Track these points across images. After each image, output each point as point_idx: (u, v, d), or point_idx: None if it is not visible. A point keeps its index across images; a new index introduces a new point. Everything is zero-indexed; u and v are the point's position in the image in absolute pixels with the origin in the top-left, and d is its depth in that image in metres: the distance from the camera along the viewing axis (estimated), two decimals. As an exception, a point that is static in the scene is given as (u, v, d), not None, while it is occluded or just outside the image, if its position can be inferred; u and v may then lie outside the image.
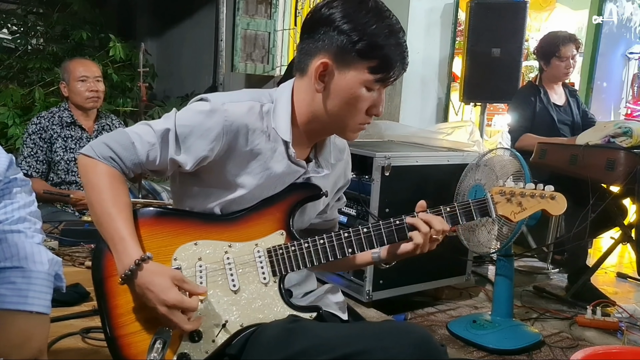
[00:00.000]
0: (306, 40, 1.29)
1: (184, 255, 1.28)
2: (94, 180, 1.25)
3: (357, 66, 1.24)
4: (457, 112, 5.60)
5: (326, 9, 1.25)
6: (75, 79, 2.92)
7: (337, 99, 1.28)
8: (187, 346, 1.24)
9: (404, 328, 1.23)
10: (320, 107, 1.30)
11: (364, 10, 1.23)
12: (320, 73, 1.26)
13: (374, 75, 1.25)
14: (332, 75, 1.26)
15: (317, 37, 1.26)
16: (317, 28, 1.26)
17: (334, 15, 1.23)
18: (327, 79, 1.27)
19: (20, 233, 1.12)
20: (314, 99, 1.30)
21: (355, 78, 1.25)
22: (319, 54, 1.26)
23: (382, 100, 1.31)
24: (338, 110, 1.29)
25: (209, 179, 1.32)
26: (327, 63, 1.25)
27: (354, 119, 1.30)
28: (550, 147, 3.14)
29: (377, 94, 1.29)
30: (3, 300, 1.06)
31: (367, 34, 1.21)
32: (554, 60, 3.63)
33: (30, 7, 5.64)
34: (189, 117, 1.28)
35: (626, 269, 4.01)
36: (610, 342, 2.71)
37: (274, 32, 5.99)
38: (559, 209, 1.37)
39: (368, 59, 1.23)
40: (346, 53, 1.23)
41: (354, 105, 1.28)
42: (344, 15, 1.23)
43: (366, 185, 2.82)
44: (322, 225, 1.53)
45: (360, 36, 1.21)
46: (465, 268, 3.17)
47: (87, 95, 2.94)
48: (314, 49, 1.27)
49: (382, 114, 1.33)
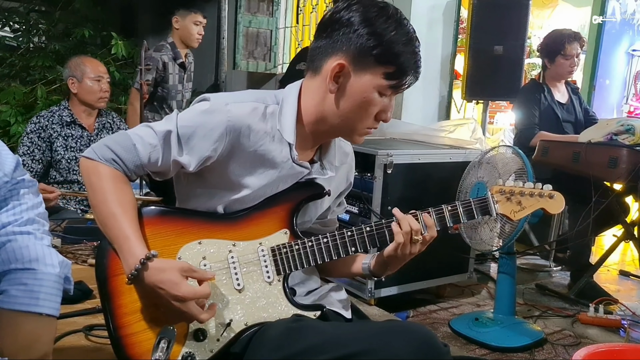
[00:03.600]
0: (323, 40, 1.28)
1: (188, 255, 1.29)
2: (97, 182, 1.25)
3: (373, 71, 1.24)
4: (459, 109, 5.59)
5: (346, 12, 1.25)
6: (90, 78, 2.93)
7: (349, 101, 1.28)
8: (192, 345, 1.25)
9: (407, 328, 1.24)
10: (331, 108, 1.30)
11: (385, 16, 1.23)
12: (336, 74, 1.26)
13: (388, 81, 1.25)
14: (348, 77, 1.26)
15: (335, 38, 1.26)
16: (336, 29, 1.26)
17: (353, 19, 1.24)
18: (341, 80, 1.27)
19: (30, 235, 1.13)
20: (325, 99, 1.30)
21: (370, 82, 1.25)
22: (336, 54, 1.26)
23: (392, 106, 1.31)
24: (348, 113, 1.29)
25: (212, 180, 1.32)
26: (344, 64, 1.25)
27: (362, 123, 1.31)
28: (552, 145, 3.14)
29: (387, 100, 1.29)
30: (14, 302, 1.06)
31: (385, 40, 1.22)
32: (558, 58, 3.62)
33: (32, 5, 5.64)
34: (191, 117, 1.28)
35: (629, 266, 4.01)
36: (612, 339, 2.72)
37: (275, 30, 5.98)
38: (558, 208, 1.39)
39: (385, 65, 1.24)
40: (364, 56, 1.23)
41: (365, 109, 1.28)
42: (363, 19, 1.23)
43: (368, 183, 2.82)
44: (319, 230, 1.52)
45: (379, 41, 1.22)
46: (468, 266, 3.17)
47: (101, 95, 2.97)
48: (330, 49, 1.27)
49: (389, 120, 1.33)
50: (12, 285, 1.07)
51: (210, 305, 1.23)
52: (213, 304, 1.24)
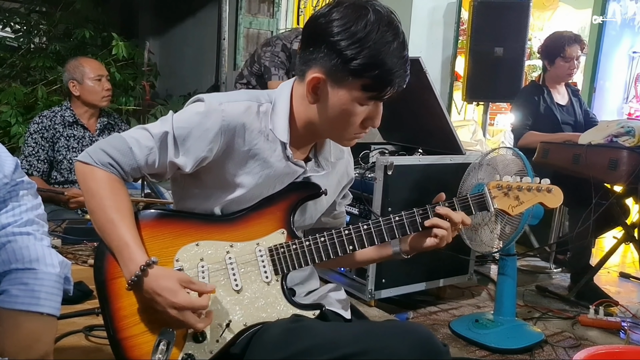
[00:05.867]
0: (305, 49, 1.27)
1: (186, 256, 1.29)
2: (94, 187, 1.25)
3: (350, 84, 1.22)
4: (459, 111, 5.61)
5: (323, 19, 1.22)
6: (91, 79, 2.95)
7: (329, 112, 1.26)
8: (192, 347, 1.25)
9: (407, 328, 1.24)
10: (315, 116, 1.30)
11: (363, 22, 1.18)
12: (314, 86, 1.25)
13: (366, 93, 1.23)
14: (325, 90, 1.25)
15: (313, 49, 1.24)
16: (314, 39, 1.24)
17: (330, 29, 1.20)
18: (320, 92, 1.26)
19: (30, 235, 1.13)
20: (309, 106, 1.30)
21: (347, 95, 1.23)
22: (314, 66, 1.24)
23: (379, 112, 1.29)
24: (331, 123, 1.28)
25: (208, 180, 1.32)
26: (320, 78, 1.23)
27: (347, 131, 1.30)
28: (552, 147, 3.14)
29: (372, 107, 1.27)
30: (15, 301, 1.07)
31: (362, 52, 1.18)
32: (558, 61, 3.62)
33: (33, 5, 5.64)
34: (186, 118, 1.27)
35: (629, 268, 4.00)
36: (612, 341, 2.71)
37: (276, 31, 5.98)
38: (556, 202, 1.38)
39: (361, 78, 1.21)
40: (339, 71, 1.21)
41: (346, 120, 1.27)
42: (340, 30, 1.19)
43: (369, 184, 2.82)
44: (330, 223, 1.54)
45: (354, 54, 1.18)
46: (468, 267, 3.17)
47: (104, 94, 2.99)
48: (310, 60, 1.25)
49: (378, 125, 1.31)
50: (13, 285, 1.08)
51: (207, 314, 1.23)
52: (209, 312, 1.24)
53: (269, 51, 3.46)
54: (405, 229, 1.34)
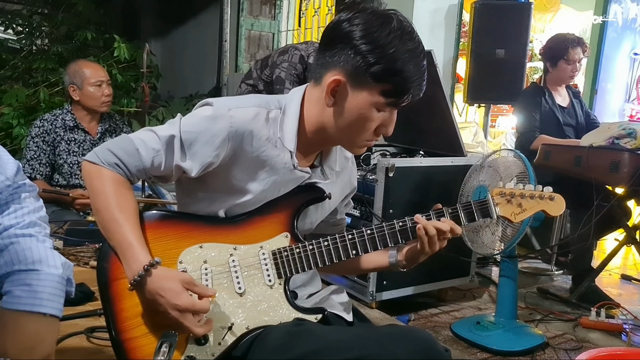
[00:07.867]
0: (323, 52, 1.27)
1: (189, 258, 1.29)
2: (99, 186, 1.25)
3: (371, 88, 1.22)
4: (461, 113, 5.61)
5: (347, 24, 1.23)
6: (91, 84, 2.93)
7: (346, 116, 1.27)
8: (194, 349, 1.25)
9: (408, 332, 1.24)
10: (329, 120, 1.29)
11: (386, 30, 1.20)
12: (333, 89, 1.25)
13: (385, 99, 1.23)
14: (344, 92, 1.25)
15: (334, 52, 1.24)
16: (336, 42, 1.24)
17: (353, 33, 1.21)
18: (338, 95, 1.26)
19: (32, 237, 1.14)
20: (324, 110, 1.29)
21: (366, 99, 1.23)
22: (334, 69, 1.24)
23: (393, 120, 1.29)
24: (346, 127, 1.28)
25: (214, 184, 1.32)
26: (340, 80, 1.24)
27: (360, 137, 1.30)
28: (554, 149, 3.14)
29: (388, 115, 1.28)
30: (18, 302, 1.08)
31: (384, 57, 1.19)
32: (561, 63, 3.61)
33: (35, 7, 5.66)
34: (195, 123, 1.27)
35: (630, 270, 4.00)
36: (614, 344, 2.71)
37: (278, 33, 6.00)
38: (558, 210, 1.38)
39: (382, 82, 1.21)
40: (360, 74, 1.21)
41: (362, 124, 1.27)
42: (364, 34, 1.20)
43: (370, 186, 2.82)
44: (330, 229, 1.53)
45: (377, 59, 1.19)
46: (469, 269, 3.17)
47: (104, 100, 2.97)
48: (329, 62, 1.25)
49: (390, 133, 1.31)
50: (16, 286, 1.08)
51: (207, 321, 1.23)
52: (209, 319, 1.24)
53: (286, 61, 3.33)
54: (407, 234, 1.34)
